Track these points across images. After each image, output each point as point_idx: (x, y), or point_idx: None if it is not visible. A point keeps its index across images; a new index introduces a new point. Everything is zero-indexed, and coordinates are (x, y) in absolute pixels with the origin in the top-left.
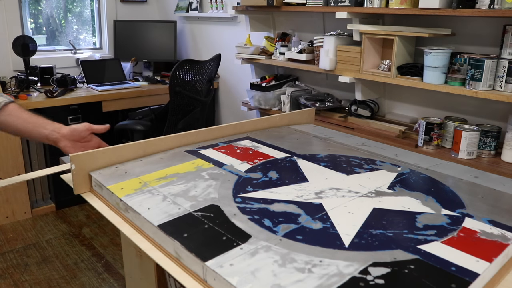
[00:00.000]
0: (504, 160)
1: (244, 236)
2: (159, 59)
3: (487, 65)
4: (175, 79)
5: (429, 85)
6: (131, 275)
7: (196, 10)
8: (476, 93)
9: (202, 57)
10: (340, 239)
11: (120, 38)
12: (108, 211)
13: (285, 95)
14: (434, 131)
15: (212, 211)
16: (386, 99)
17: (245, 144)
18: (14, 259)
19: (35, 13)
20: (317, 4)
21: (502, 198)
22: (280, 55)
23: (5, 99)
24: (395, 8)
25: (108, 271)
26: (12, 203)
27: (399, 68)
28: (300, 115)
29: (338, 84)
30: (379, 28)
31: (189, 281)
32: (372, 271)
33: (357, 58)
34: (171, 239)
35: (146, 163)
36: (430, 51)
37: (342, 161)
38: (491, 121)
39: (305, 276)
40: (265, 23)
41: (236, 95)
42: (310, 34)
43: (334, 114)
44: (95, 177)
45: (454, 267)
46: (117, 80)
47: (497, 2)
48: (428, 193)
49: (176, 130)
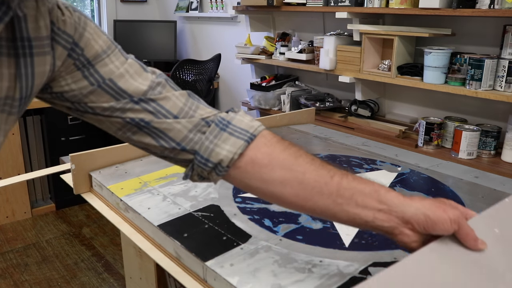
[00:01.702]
0: (504, 160)
1: (244, 236)
2: (159, 59)
3: (487, 65)
4: (175, 79)
5: (429, 85)
6: (131, 275)
7: (196, 10)
8: (476, 93)
9: (202, 57)
10: (340, 239)
11: (120, 38)
12: (108, 211)
13: (285, 95)
14: (434, 131)
15: (212, 211)
16: (386, 99)
17: None
18: (14, 259)
19: None
20: (317, 4)
21: (502, 198)
22: (280, 55)
23: (244, 136)
24: (395, 8)
25: (108, 271)
26: (12, 203)
27: (399, 68)
28: (300, 115)
29: (338, 84)
30: (379, 28)
31: (189, 281)
32: (372, 271)
33: (357, 58)
34: (171, 239)
35: (146, 163)
36: (430, 51)
37: (342, 161)
38: (491, 121)
39: (305, 276)
40: (265, 23)
41: (236, 95)
42: (310, 34)
43: (334, 114)
44: (95, 177)
45: None
46: None
47: (497, 2)
48: (428, 193)
49: None
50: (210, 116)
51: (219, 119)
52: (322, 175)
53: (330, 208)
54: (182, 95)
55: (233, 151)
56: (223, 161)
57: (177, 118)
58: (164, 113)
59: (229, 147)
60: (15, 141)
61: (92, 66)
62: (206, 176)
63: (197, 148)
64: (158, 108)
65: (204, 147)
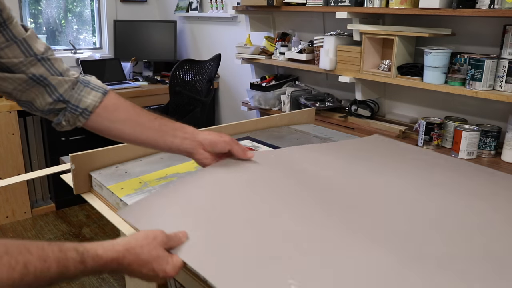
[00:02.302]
0: (504, 160)
1: None
2: (159, 59)
3: (487, 65)
4: (175, 79)
5: (429, 85)
6: None
7: (196, 10)
8: (476, 93)
9: (202, 57)
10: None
11: (120, 38)
12: (108, 211)
13: (285, 95)
14: (434, 131)
15: None
16: (386, 99)
17: (245, 144)
18: None
19: (35, 13)
20: (317, 4)
21: None
22: (280, 55)
23: (101, 90)
24: (395, 8)
25: None
26: (12, 203)
27: (399, 68)
28: (300, 115)
29: (338, 84)
30: (379, 28)
31: (189, 281)
32: None
33: (357, 58)
34: None
35: (146, 163)
36: (430, 51)
37: None
38: (491, 121)
39: None
40: (265, 23)
41: (236, 95)
42: (310, 34)
43: (334, 114)
44: (95, 177)
45: None
46: (117, 80)
47: (497, 2)
48: None
49: None
50: (76, 75)
51: (82, 79)
52: (150, 117)
53: (155, 139)
54: (60, 60)
55: (95, 99)
56: (89, 107)
57: (62, 76)
58: (55, 70)
59: (92, 97)
60: (15, 141)
61: (6, 26)
62: (73, 121)
63: (70, 99)
64: (52, 66)
65: (74, 98)
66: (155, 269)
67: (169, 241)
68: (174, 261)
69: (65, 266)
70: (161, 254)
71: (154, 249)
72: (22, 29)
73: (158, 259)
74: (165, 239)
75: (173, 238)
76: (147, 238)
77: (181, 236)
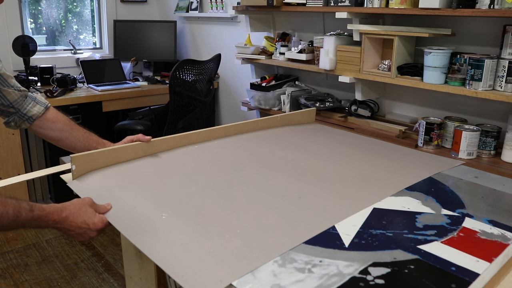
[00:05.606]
0: (504, 160)
1: None
2: (159, 59)
3: (487, 65)
4: (175, 79)
5: (429, 85)
6: (131, 275)
7: (196, 10)
8: (476, 93)
9: (202, 57)
10: (340, 239)
11: (120, 38)
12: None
13: (285, 95)
14: (434, 131)
15: None
16: (386, 99)
17: None
18: (14, 259)
19: (35, 13)
20: (317, 4)
21: (502, 198)
22: (280, 55)
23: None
24: (395, 8)
25: (108, 271)
26: None
27: (399, 68)
28: (301, 115)
29: (338, 84)
30: (379, 28)
31: None
32: (372, 271)
33: (357, 58)
34: None
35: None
36: (430, 51)
37: None
38: (491, 121)
39: (305, 276)
40: (265, 23)
41: (236, 95)
42: (310, 34)
43: (334, 114)
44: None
45: (454, 267)
46: (117, 80)
47: (497, 2)
48: (428, 193)
49: (176, 130)
50: (25, 92)
51: (30, 95)
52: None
53: (81, 146)
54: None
55: (39, 111)
56: (33, 116)
57: (13, 88)
58: (7, 84)
59: (36, 109)
60: (15, 141)
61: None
62: (19, 124)
63: (20, 107)
64: (5, 81)
65: (23, 107)
66: (86, 221)
67: (95, 205)
68: (100, 216)
69: (19, 211)
70: (89, 210)
71: (83, 206)
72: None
73: (87, 213)
74: (91, 202)
75: (99, 204)
76: (78, 200)
77: (106, 205)
